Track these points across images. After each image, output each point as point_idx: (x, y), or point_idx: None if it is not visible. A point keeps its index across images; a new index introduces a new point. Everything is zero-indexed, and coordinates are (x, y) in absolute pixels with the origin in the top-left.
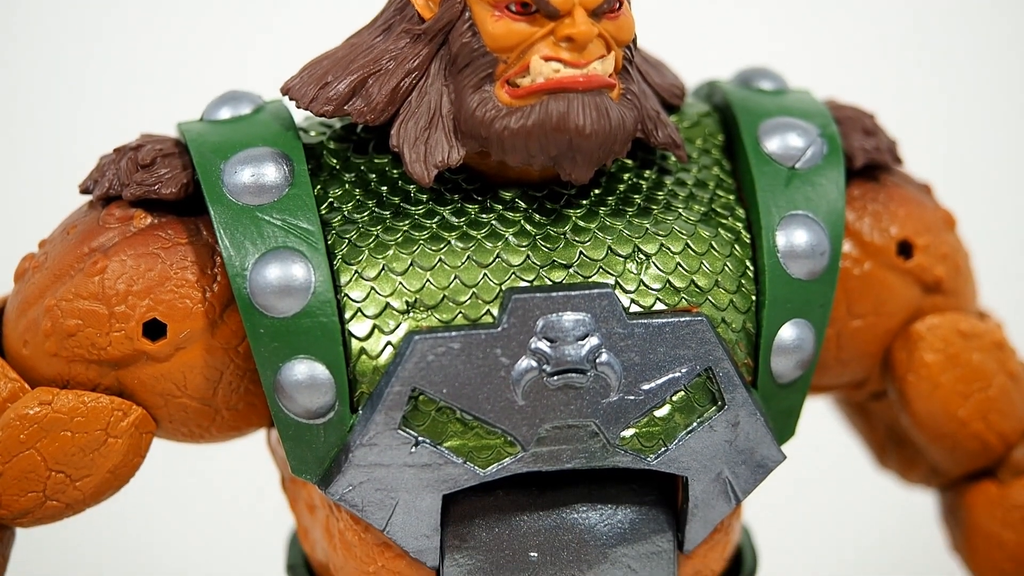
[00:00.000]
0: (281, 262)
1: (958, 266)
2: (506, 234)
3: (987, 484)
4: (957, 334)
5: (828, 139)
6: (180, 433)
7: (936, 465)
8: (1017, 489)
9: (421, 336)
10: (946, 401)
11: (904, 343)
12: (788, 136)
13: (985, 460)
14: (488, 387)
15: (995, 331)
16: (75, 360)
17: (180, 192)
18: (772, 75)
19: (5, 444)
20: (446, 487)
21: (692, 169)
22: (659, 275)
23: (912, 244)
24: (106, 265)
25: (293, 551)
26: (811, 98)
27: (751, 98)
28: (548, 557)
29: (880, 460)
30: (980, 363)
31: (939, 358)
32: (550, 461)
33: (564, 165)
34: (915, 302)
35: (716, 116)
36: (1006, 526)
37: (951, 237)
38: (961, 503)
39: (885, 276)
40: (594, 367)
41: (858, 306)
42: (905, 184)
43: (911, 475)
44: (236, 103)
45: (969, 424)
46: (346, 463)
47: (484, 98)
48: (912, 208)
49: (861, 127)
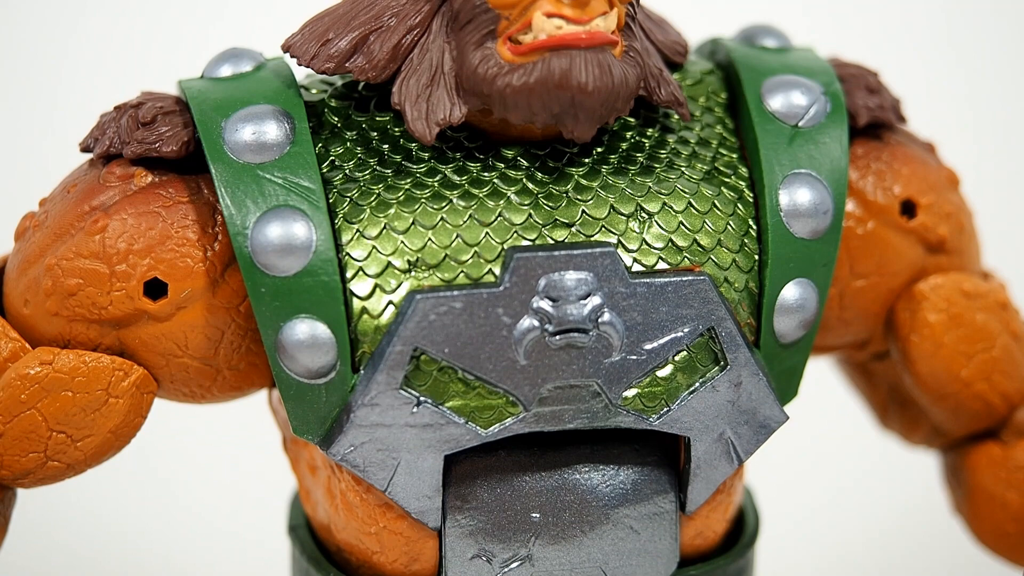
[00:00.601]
0: (282, 220)
1: (961, 225)
2: (508, 192)
3: (990, 445)
4: (960, 294)
5: (832, 97)
6: (181, 393)
7: (939, 426)
8: (1020, 450)
9: (423, 295)
10: (949, 361)
11: (907, 303)
12: (791, 94)
13: (988, 421)
14: (490, 347)
15: (999, 291)
16: (76, 319)
17: (181, 150)
18: (776, 33)
19: (6, 404)
20: (448, 447)
21: (695, 127)
22: (662, 234)
23: (915, 203)
24: (107, 224)
25: (295, 512)
26: (815, 56)
27: (754, 56)
28: (550, 518)
29: (882, 421)
30: (983, 323)
31: (942, 318)
32: (552, 421)
33: (566, 123)
34: (918, 262)
35: (719, 74)
36: (1009, 487)
37: (955, 196)
38: (964, 464)
39: (888, 235)
40: (596, 327)
41: (861, 265)
42: (908, 143)
43: (913, 436)
44: (237, 60)
45: (972, 384)
46: (348, 423)
47: (486, 55)
48: (916, 167)
49: (865, 85)
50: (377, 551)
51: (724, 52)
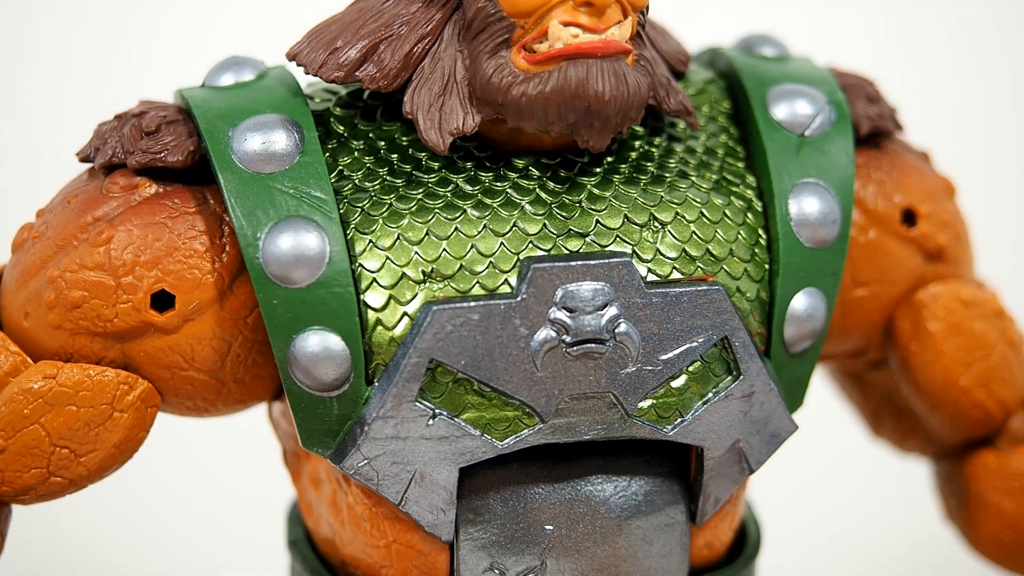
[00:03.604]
0: (294, 231)
1: (958, 234)
2: (522, 202)
3: (986, 453)
4: (959, 303)
5: (836, 106)
6: (185, 407)
7: (934, 433)
8: (1017, 458)
9: (440, 307)
10: (949, 370)
11: (907, 312)
12: (797, 103)
13: (984, 428)
14: (507, 358)
15: (994, 299)
16: (79, 332)
17: (187, 160)
18: (774, 42)
19: (8, 419)
20: (463, 460)
21: (700, 137)
22: (675, 244)
23: (916, 212)
24: (112, 235)
25: (293, 526)
26: (814, 65)
27: (756, 65)
28: (563, 530)
29: (874, 429)
30: (982, 332)
31: (942, 327)
32: (568, 433)
33: (582, 132)
34: (918, 270)
35: (720, 83)
36: (1005, 495)
37: (951, 205)
38: (959, 472)
39: (889, 244)
40: (613, 337)
41: (863, 274)
42: (906, 152)
43: (906, 444)
44: (238, 69)
45: (971, 392)
46: (362, 436)
47: (500, 64)
48: (914, 176)
49: (864, 94)
50: (386, 565)
51: (725, 61)
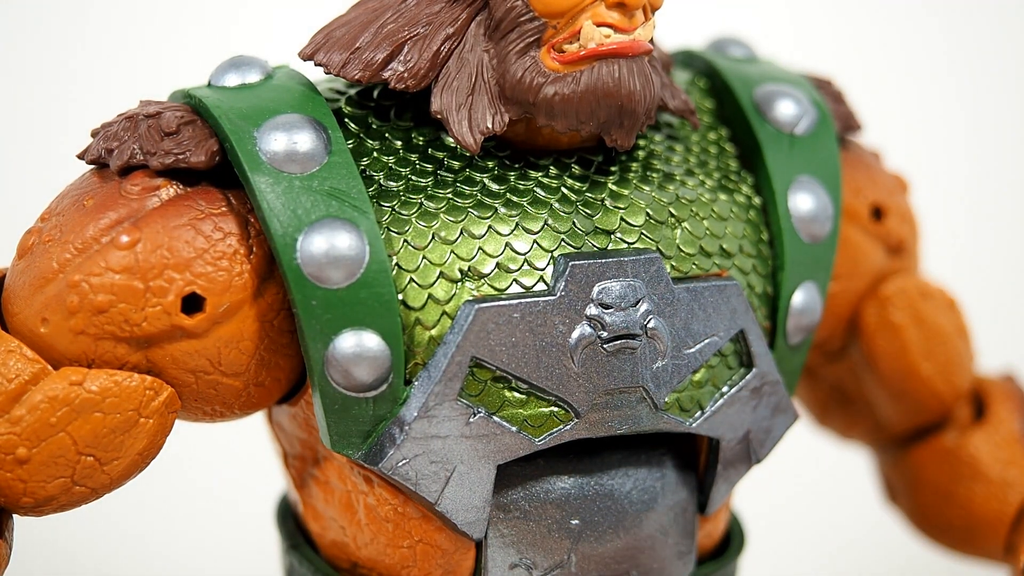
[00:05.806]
0: (332, 232)
1: (914, 228)
2: (551, 201)
3: (936, 439)
4: (920, 295)
5: (816, 106)
6: (202, 412)
7: (886, 421)
8: (966, 444)
9: (482, 305)
10: (912, 361)
11: (873, 305)
12: (783, 103)
13: (937, 416)
14: (546, 355)
15: (945, 292)
16: (104, 337)
17: (210, 160)
18: (742, 44)
19: (34, 428)
20: (501, 457)
21: (692, 136)
22: (692, 240)
23: (883, 208)
24: (139, 237)
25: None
26: (783, 66)
27: (734, 66)
28: (588, 524)
29: (820, 419)
30: (940, 323)
31: (907, 319)
32: (601, 428)
33: (611, 131)
34: (880, 264)
35: (700, 83)
36: (954, 480)
37: (906, 200)
38: (908, 458)
39: (859, 239)
40: (645, 332)
41: (837, 269)
42: (863, 151)
43: (851, 432)
44: (243, 69)
45: (930, 382)
46: (401, 436)
47: (530, 64)
48: (875, 173)
49: (831, 94)
50: (410, 565)
51: (702, 62)
